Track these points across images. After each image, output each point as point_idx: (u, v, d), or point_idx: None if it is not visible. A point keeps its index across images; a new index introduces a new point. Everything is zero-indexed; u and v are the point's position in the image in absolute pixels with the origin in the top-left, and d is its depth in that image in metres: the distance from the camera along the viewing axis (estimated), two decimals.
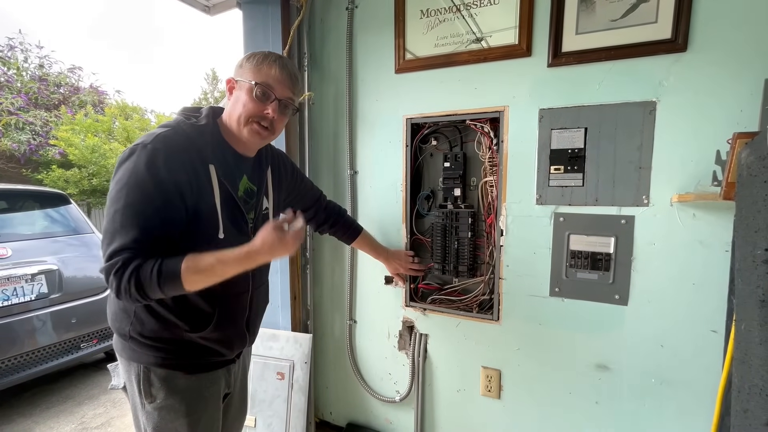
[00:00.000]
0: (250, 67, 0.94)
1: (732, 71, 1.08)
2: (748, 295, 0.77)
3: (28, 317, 2.25)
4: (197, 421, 0.99)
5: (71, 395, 2.49)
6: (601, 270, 1.27)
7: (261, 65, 0.94)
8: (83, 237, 2.77)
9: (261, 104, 0.94)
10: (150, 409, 0.96)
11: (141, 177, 0.80)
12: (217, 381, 1.03)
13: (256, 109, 0.94)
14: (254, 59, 0.95)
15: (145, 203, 0.81)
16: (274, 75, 0.94)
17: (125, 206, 0.79)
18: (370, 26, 1.58)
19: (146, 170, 0.80)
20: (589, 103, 1.24)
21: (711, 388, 1.17)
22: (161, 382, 0.95)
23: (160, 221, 0.83)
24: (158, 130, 0.88)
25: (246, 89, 0.94)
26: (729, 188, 0.93)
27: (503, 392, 1.49)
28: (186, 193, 0.86)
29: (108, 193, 0.84)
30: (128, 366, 0.97)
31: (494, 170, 1.43)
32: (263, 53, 0.97)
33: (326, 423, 1.91)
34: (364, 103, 1.63)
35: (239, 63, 0.97)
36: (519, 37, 1.31)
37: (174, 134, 0.88)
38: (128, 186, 0.80)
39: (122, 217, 0.79)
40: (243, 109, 0.94)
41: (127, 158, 0.82)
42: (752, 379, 0.75)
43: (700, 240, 1.15)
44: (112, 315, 0.98)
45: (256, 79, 0.93)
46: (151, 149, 0.82)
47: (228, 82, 0.96)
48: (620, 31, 1.18)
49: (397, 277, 1.60)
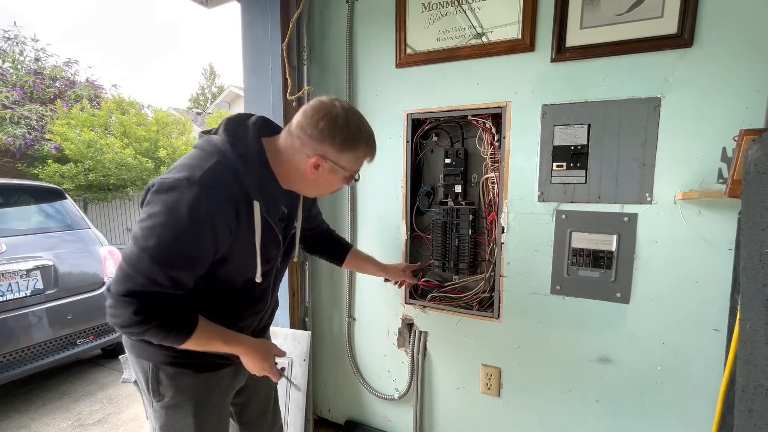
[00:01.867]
0: (349, 154, 0.88)
1: (738, 67, 1.07)
2: (754, 294, 0.76)
3: (24, 313, 2.23)
4: (204, 421, 0.98)
5: (67, 392, 2.48)
6: (602, 268, 1.26)
7: (361, 154, 0.90)
8: (79, 233, 2.74)
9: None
10: (158, 407, 0.96)
11: (180, 222, 0.74)
12: (224, 379, 1.02)
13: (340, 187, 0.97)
14: (354, 144, 0.87)
15: (178, 249, 0.76)
16: (369, 161, 0.94)
17: (156, 246, 0.74)
18: (371, 19, 1.56)
19: (187, 218, 0.74)
20: (593, 99, 1.23)
21: (712, 386, 1.17)
22: (170, 381, 0.94)
23: (189, 268, 0.80)
24: (205, 161, 0.80)
25: (340, 176, 0.91)
26: (735, 185, 0.91)
27: (503, 390, 1.48)
28: (223, 238, 0.81)
29: (140, 217, 0.77)
30: (137, 363, 0.96)
31: (496, 167, 1.42)
32: (363, 137, 0.88)
33: (325, 420, 1.90)
34: (365, 97, 1.61)
35: (329, 134, 0.84)
36: (522, 31, 1.29)
37: (221, 170, 0.80)
38: (164, 226, 0.74)
39: (150, 257, 0.74)
40: (328, 188, 0.95)
41: (168, 191, 0.75)
42: (758, 378, 0.74)
43: (703, 238, 1.14)
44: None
45: (355, 169, 0.92)
46: (196, 193, 0.75)
47: (319, 161, 0.86)
48: (625, 26, 1.16)
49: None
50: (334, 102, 0.86)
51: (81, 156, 7.04)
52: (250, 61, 1.68)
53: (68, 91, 9.11)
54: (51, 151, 7.70)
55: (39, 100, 8.48)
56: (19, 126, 7.75)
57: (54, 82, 8.97)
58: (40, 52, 9.01)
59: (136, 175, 7.15)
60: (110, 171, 7.05)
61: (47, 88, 8.70)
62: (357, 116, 0.88)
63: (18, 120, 7.77)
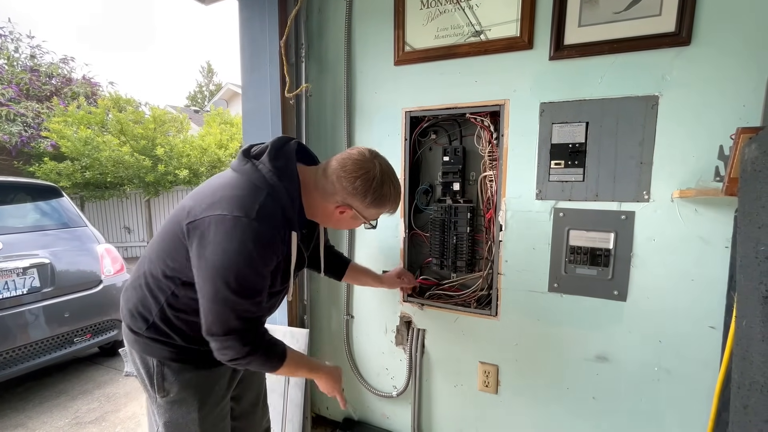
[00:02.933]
0: (374, 211, 0.97)
1: (735, 66, 1.07)
2: (750, 292, 0.76)
3: (20, 311, 2.22)
4: (208, 415, 1.01)
5: (65, 390, 2.47)
6: (600, 266, 1.27)
7: (384, 211, 0.99)
8: (75, 230, 2.73)
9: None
10: (162, 403, 0.97)
11: (250, 255, 0.81)
12: (224, 375, 1.05)
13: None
14: (381, 205, 0.96)
15: (255, 280, 0.85)
16: (390, 215, 1.04)
17: (237, 281, 0.81)
18: (369, 17, 1.55)
19: (255, 250, 0.82)
20: (591, 97, 1.23)
21: (709, 383, 1.17)
22: (175, 376, 0.95)
23: (265, 292, 0.89)
24: (257, 194, 0.85)
25: (360, 222, 1.01)
26: (732, 183, 0.92)
27: (501, 387, 1.49)
28: (275, 263, 0.90)
29: (202, 253, 0.82)
30: (141, 359, 0.97)
31: (494, 165, 1.42)
32: (391, 200, 0.97)
33: (322, 418, 1.90)
34: (363, 95, 1.61)
35: (362, 192, 0.92)
36: (521, 29, 1.29)
37: (272, 204, 0.86)
38: (238, 263, 0.80)
39: (234, 293, 0.81)
40: (346, 227, 1.10)
41: (232, 229, 0.80)
42: (753, 375, 0.74)
43: (700, 236, 1.15)
44: (134, 309, 0.96)
45: (376, 218, 1.01)
46: (257, 228, 0.81)
47: (347, 209, 0.95)
48: (623, 24, 1.16)
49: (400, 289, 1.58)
50: (374, 161, 0.93)
51: (78, 154, 6.99)
52: (248, 58, 1.68)
53: (65, 89, 9.04)
54: (47, 149, 7.65)
55: (35, 97, 8.42)
56: (15, 123, 7.70)
57: (50, 79, 8.90)
58: (35, 49, 8.95)
59: (134, 173, 7.11)
60: (107, 169, 7.01)
61: (43, 86, 8.64)
62: (391, 178, 0.96)
63: (14, 117, 7.72)
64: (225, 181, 0.88)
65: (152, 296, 0.93)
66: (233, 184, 0.87)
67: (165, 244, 0.90)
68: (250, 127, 1.70)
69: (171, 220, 0.91)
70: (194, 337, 0.93)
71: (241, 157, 0.92)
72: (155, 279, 0.92)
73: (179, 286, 0.90)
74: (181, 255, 0.87)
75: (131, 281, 0.99)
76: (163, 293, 0.91)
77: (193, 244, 0.83)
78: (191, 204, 0.86)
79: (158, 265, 0.91)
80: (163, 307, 0.92)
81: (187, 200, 0.90)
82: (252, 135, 1.70)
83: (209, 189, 0.88)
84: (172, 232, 0.88)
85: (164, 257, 0.90)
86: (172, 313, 0.92)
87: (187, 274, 0.87)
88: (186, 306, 0.91)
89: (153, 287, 0.92)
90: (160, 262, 0.90)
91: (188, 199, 0.90)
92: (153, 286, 0.92)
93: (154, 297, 0.92)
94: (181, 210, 0.88)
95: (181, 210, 0.88)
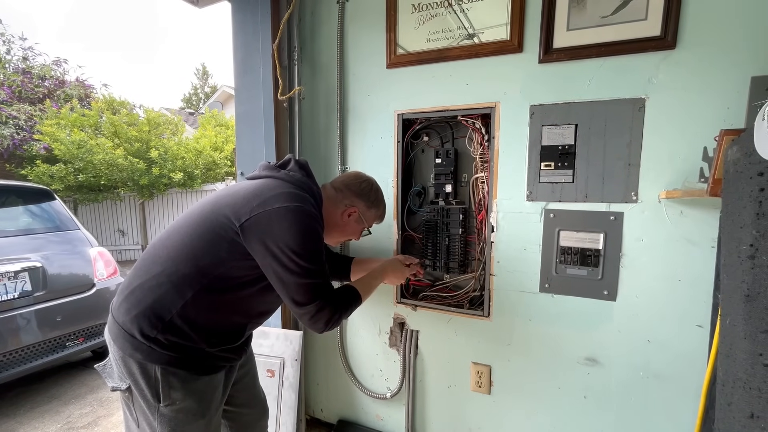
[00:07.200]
0: (373, 212, 1.23)
1: (719, 69, 1.09)
2: (734, 290, 0.78)
3: (12, 315, 2.19)
4: (210, 422, 1.01)
5: (57, 395, 2.45)
6: (590, 266, 1.28)
7: (379, 214, 1.26)
8: (67, 234, 2.71)
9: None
10: (167, 412, 0.94)
11: (313, 229, 0.97)
12: (222, 380, 1.06)
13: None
14: (377, 205, 1.23)
15: (319, 246, 0.99)
16: (378, 222, 1.30)
17: (309, 249, 0.94)
18: (362, 20, 1.56)
19: (312, 226, 0.97)
20: (580, 100, 1.25)
21: (696, 381, 1.19)
22: (181, 383, 0.94)
23: (324, 255, 1.02)
24: (297, 192, 1.00)
25: (360, 228, 1.23)
26: (716, 184, 0.93)
27: (493, 387, 1.50)
28: (322, 236, 1.05)
29: (276, 237, 0.92)
30: (141, 368, 0.92)
31: (485, 166, 1.43)
32: (383, 204, 1.26)
33: (317, 420, 1.90)
34: (355, 97, 1.62)
35: (366, 192, 1.20)
36: (510, 32, 1.30)
37: (309, 199, 1.02)
38: (306, 233, 0.94)
39: (309, 256, 0.94)
40: (346, 235, 1.24)
41: (292, 214, 0.93)
42: (736, 372, 0.76)
43: (686, 236, 1.17)
44: (147, 309, 0.92)
45: (370, 224, 1.26)
46: (309, 213, 0.97)
47: (353, 210, 1.17)
48: (610, 28, 1.18)
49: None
50: (369, 176, 1.25)
51: (71, 156, 6.92)
52: (241, 61, 1.68)
53: (57, 91, 8.97)
54: (40, 152, 7.56)
55: (27, 99, 8.35)
56: (7, 126, 7.63)
57: (43, 81, 8.83)
58: (28, 51, 8.88)
59: (128, 175, 7.04)
60: (101, 172, 6.95)
61: (36, 88, 8.57)
62: (379, 189, 1.26)
63: (6, 120, 7.65)
64: (264, 184, 1.00)
65: (177, 291, 0.91)
66: (274, 185, 0.99)
67: (202, 243, 0.93)
68: (244, 130, 1.70)
69: (204, 223, 0.95)
70: (212, 332, 0.97)
71: (270, 167, 1.07)
72: (182, 276, 0.91)
73: (214, 279, 0.93)
74: (224, 250, 0.93)
75: (140, 283, 0.94)
76: (192, 288, 0.91)
77: (255, 238, 0.91)
78: (230, 209, 0.94)
79: (187, 264, 0.92)
80: (188, 302, 0.91)
81: (218, 206, 0.96)
82: (245, 137, 1.70)
83: (248, 193, 0.97)
84: (212, 232, 0.93)
85: (198, 255, 0.92)
86: (195, 310, 0.92)
87: (227, 267, 0.94)
88: (212, 303, 0.95)
89: (179, 283, 0.91)
90: (189, 262, 0.92)
91: (222, 207, 0.96)
92: (179, 282, 0.91)
93: (180, 292, 0.91)
94: (217, 214, 0.95)
95: (217, 214, 0.95)
